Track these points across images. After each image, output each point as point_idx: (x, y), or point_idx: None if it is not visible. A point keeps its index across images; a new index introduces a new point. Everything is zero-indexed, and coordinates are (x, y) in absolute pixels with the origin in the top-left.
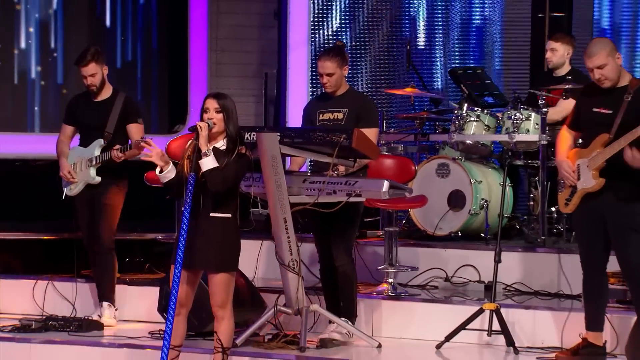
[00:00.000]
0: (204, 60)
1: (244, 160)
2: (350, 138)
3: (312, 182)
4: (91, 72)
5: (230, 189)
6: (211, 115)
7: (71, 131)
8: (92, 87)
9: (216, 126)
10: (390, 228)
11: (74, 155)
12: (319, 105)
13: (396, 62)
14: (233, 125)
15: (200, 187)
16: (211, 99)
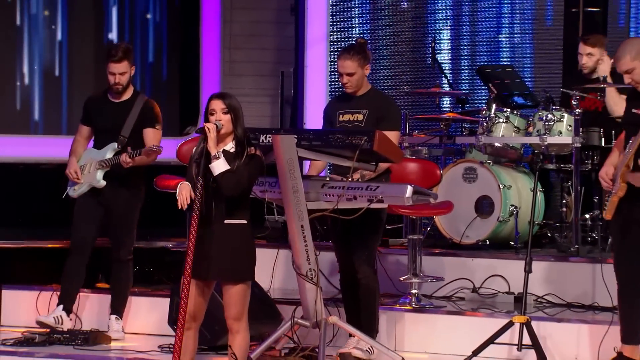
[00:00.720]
0: (216, 59)
1: (256, 161)
2: (371, 140)
3: (331, 188)
4: (122, 70)
5: (245, 192)
6: (218, 116)
7: (88, 131)
8: (118, 86)
9: (224, 127)
10: (414, 236)
11: (86, 157)
12: (339, 106)
13: (420, 59)
14: (241, 126)
15: (211, 192)
16: (217, 99)
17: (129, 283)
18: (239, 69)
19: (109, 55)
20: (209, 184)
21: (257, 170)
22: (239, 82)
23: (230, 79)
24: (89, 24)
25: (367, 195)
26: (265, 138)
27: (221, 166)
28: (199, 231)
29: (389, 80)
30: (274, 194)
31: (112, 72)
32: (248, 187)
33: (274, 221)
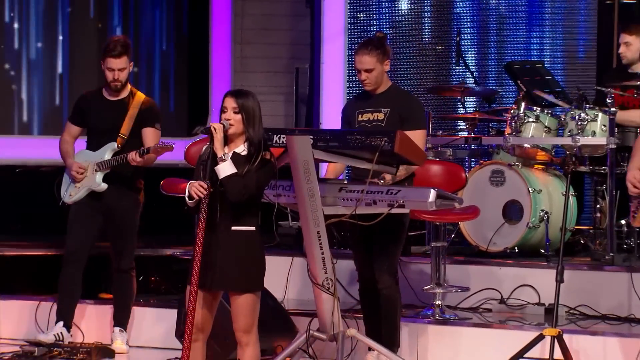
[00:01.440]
0: (227, 54)
1: (267, 167)
2: (392, 141)
3: (350, 192)
4: (121, 65)
5: (252, 198)
6: (229, 115)
7: (77, 131)
8: (116, 83)
9: (233, 127)
10: (438, 243)
11: (81, 159)
12: (358, 105)
13: (444, 55)
14: (255, 128)
15: (218, 197)
16: (230, 97)
17: (131, 294)
18: (250, 65)
19: (107, 50)
20: (216, 188)
21: (267, 177)
22: (251, 79)
23: (242, 75)
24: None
25: (387, 200)
26: (279, 139)
27: (227, 169)
28: (205, 238)
29: (411, 78)
30: (289, 198)
31: (111, 67)
32: (256, 194)
33: (288, 227)
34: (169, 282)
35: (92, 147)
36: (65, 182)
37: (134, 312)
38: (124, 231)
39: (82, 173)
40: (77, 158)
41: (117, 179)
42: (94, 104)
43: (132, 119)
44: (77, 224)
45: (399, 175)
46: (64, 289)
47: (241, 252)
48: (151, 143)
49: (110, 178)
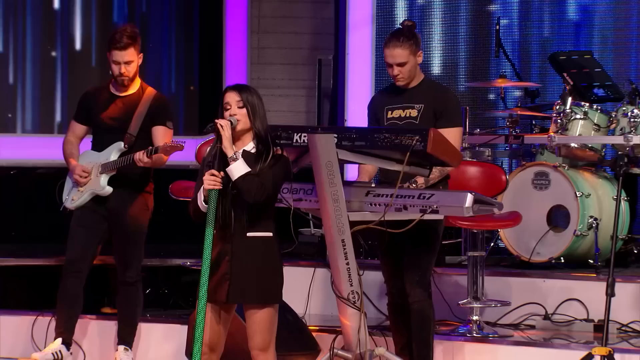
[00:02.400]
0: (242, 44)
1: (282, 163)
2: (424, 140)
3: (378, 196)
4: (128, 58)
5: (270, 198)
6: (233, 110)
7: (82, 131)
8: (124, 78)
9: (240, 123)
10: (475, 253)
11: (85, 160)
12: (387, 101)
13: (482, 45)
14: (261, 122)
15: (229, 201)
16: (232, 92)
17: (138, 308)
18: (268, 56)
19: (112, 41)
20: (227, 191)
21: (283, 174)
22: (269, 71)
23: (259, 68)
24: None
25: (419, 205)
26: (300, 137)
27: (240, 168)
28: (216, 247)
29: (444, 70)
30: (310, 203)
31: (117, 61)
32: (273, 193)
33: (309, 235)
34: (179, 295)
35: (98, 148)
36: (68, 185)
37: (140, 329)
38: (130, 239)
39: (86, 177)
40: (82, 159)
41: (123, 182)
42: (99, 100)
43: (141, 116)
44: (79, 231)
45: (432, 177)
46: (63, 302)
47: (257, 261)
48: (161, 143)
49: (117, 181)
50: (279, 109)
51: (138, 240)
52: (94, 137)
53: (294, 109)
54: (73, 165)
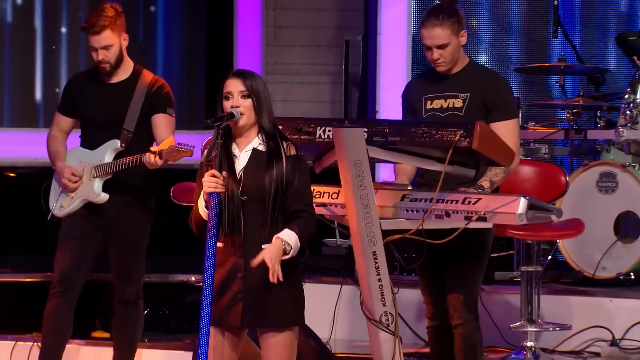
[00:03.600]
0: (257, 23)
1: (305, 166)
2: (469, 135)
3: (415, 200)
4: (104, 42)
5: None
6: (236, 101)
7: (69, 124)
8: (104, 66)
9: (243, 117)
10: (530, 267)
11: (74, 160)
12: (426, 88)
13: (537, 24)
14: (268, 116)
15: (238, 207)
16: (234, 79)
17: (137, 332)
18: (287, 36)
19: (86, 25)
20: (234, 197)
21: (309, 179)
22: (288, 55)
23: (275, 51)
24: None
25: (464, 211)
26: (324, 132)
27: (293, 241)
28: (226, 261)
29: (492, 53)
30: (336, 209)
31: (93, 47)
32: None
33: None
34: (182, 316)
35: (88, 145)
36: (55, 189)
37: (139, 355)
38: (130, 252)
39: (76, 181)
40: (70, 158)
41: (121, 187)
42: (87, 88)
43: (137, 106)
44: (69, 243)
45: (497, 180)
46: (49, 326)
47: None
48: (162, 133)
49: (113, 185)
50: (299, 99)
51: (139, 252)
52: (82, 131)
53: (316, 98)
54: (60, 167)
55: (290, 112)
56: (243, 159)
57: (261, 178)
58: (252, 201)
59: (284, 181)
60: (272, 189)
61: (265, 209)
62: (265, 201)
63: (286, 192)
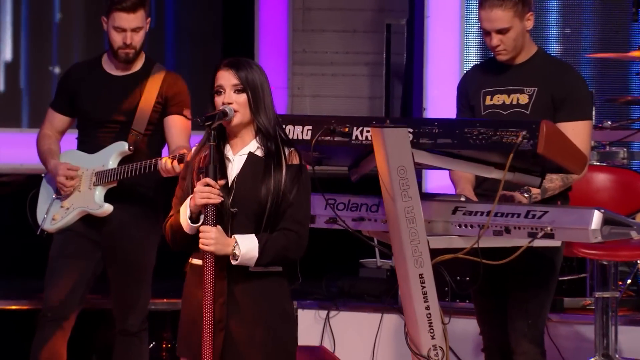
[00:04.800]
0: (282, 5)
1: (305, 176)
2: (534, 137)
3: (470, 214)
4: (136, 23)
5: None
6: (228, 97)
7: (64, 123)
8: (128, 52)
9: (238, 115)
10: (606, 293)
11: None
12: (485, 81)
13: (614, 5)
14: (266, 114)
15: (226, 219)
16: (226, 70)
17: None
18: (318, 20)
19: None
20: (223, 208)
21: (309, 195)
22: (319, 42)
23: (305, 37)
24: None
25: (527, 226)
26: (361, 133)
27: (250, 254)
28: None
29: (562, 40)
30: (375, 224)
31: (120, 27)
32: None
33: (375, 268)
34: None
35: (88, 147)
36: (44, 198)
37: None
38: (133, 275)
39: (74, 180)
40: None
41: (127, 198)
42: (89, 81)
43: (149, 104)
44: (62, 264)
45: (551, 187)
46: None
47: (262, 304)
48: (178, 138)
49: (117, 195)
50: (332, 94)
51: (144, 275)
52: (81, 132)
53: (353, 93)
54: (53, 165)
55: (321, 110)
56: (237, 163)
57: (256, 188)
58: (243, 214)
59: (280, 194)
60: (269, 203)
61: (258, 224)
62: (257, 216)
63: (280, 206)
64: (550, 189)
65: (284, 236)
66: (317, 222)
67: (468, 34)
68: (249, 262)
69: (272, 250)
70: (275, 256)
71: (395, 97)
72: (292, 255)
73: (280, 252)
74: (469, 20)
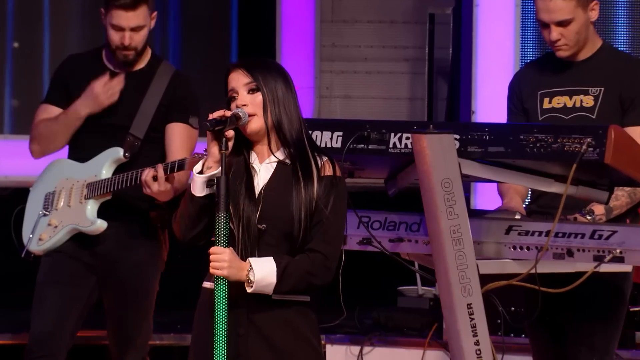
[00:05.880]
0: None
1: (342, 189)
2: (600, 144)
3: (526, 234)
4: (137, 22)
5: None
6: (242, 99)
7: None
8: (127, 53)
9: (255, 119)
10: None
11: (56, 176)
12: (543, 81)
13: None
14: (289, 116)
15: (253, 238)
16: (237, 71)
17: None
18: (350, 10)
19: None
20: (250, 225)
21: (345, 211)
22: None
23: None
24: None
25: (593, 249)
26: (400, 141)
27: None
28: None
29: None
30: (416, 246)
31: (118, 25)
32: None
33: (415, 297)
34: None
35: (79, 154)
36: (31, 215)
37: None
38: (133, 303)
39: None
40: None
41: (124, 213)
42: (86, 76)
43: (151, 106)
44: (51, 292)
45: (616, 205)
46: None
47: (287, 339)
48: (178, 150)
49: (112, 210)
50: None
51: (145, 305)
52: (73, 136)
53: (390, 94)
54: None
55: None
56: (263, 173)
57: (287, 201)
58: (272, 232)
59: (313, 209)
60: (302, 218)
61: (290, 244)
62: (288, 233)
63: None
64: (616, 208)
65: (308, 259)
66: (348, 243)
67: (525, 25)
68: (265, 289)
69: (293, 276)
70: (298, 283)
71: (440, 98)
72: (318, 281)
73: (303, 278)
74: (526, 9)
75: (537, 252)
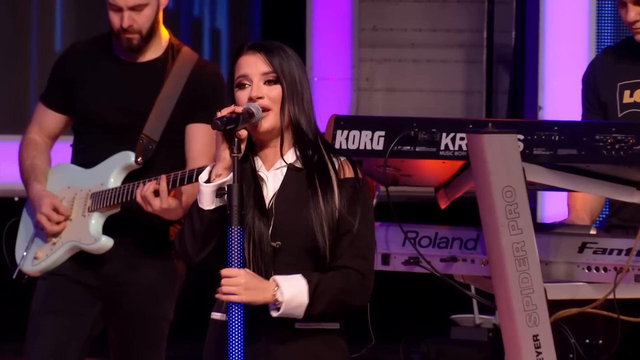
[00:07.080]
0: None
1: (366, 192)
2: None
3: (602, 252)
4: (134, 1)
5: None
6: (257, 91)
7: (58, 123)
8: (129, 37)
9: (271, 115)
10: None
11: (58, 183)
12: (623, 71)
13: None
14: (306, 114)
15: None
16: (252, 54)
17: None
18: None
19: None
20: (262, 243)
21: (373, 216)
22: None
23: (375, 9)
24: None
25: None
26: (453, 142)
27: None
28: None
29: None
30: (472, 266)
31: (116, 5)
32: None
33: (471, 327)
34: None
35: (84, 159)
36: (26, 229)
37: None
38: (144, 334)
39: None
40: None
41: (133, 228)
42: (92, 67)
43: (169, 102)
44: (47, 320)
45: None
46: None
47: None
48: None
49: (120, 225)
50: (413, 87)
51: (157, 335)
52: (76, 137)
53: (441, 86)
54: (36, 194)
55: (398, 109)
56: (272, 181)
57: (304, 214)
58: (289, 250)
59: (335, 219)
60: (325, 231)
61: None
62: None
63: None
64: None
65: (342, 276)
66: (392, 263)
67: (601, 6)
68: (295, 311)
69: (327, 295)
70: (332, 303)
71: (501, 92)
72: (355, 301)
73: (338, 298)
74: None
75: (616, 273)
